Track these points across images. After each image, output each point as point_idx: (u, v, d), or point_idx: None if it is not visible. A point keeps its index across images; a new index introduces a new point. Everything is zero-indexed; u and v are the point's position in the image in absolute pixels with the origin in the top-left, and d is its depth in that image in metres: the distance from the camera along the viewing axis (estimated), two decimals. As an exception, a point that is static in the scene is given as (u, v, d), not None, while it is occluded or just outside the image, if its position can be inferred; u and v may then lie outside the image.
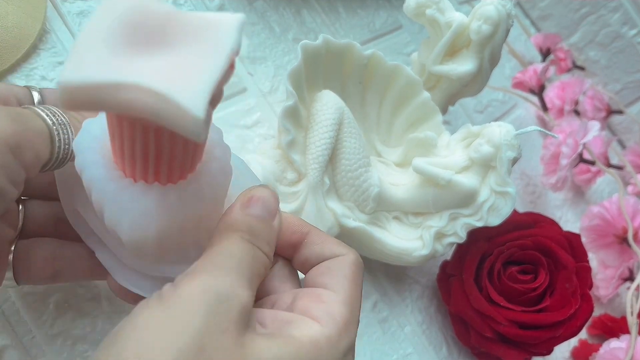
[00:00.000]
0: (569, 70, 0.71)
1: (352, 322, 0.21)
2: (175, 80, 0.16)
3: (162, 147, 0.19)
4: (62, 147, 0.23)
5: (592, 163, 0.56)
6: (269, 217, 0.22)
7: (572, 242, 0.43)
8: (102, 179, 0.21)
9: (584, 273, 0.42)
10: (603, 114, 0.68)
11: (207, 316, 0.18)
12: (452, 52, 0.41)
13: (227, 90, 0.39)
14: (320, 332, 0.20)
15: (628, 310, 0.47)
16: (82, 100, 0.16)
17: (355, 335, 0.22)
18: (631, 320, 0.46)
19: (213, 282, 0.19)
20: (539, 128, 0.37)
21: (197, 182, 0.22)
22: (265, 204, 0.22)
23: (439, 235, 0.38)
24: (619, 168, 0.61)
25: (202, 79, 0.16)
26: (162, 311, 0.18)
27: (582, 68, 0.73)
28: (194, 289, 0.19)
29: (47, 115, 0.22)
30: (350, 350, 0.21)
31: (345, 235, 0.35)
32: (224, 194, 0.24)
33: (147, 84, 0.16)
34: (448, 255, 0.44)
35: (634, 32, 0.71)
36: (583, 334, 0.54)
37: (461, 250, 0.42)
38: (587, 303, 0.42)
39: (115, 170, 0.21)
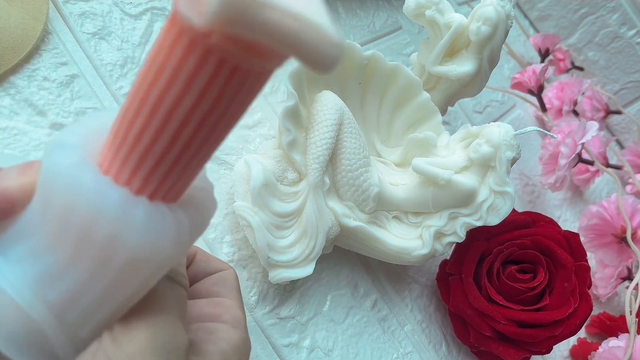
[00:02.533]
0: (567, 70, 0.71)
1: (245, 321, 0.26)
2: (307, 12, 0.14)
3: (210, 119, 0.16)
4: None
5: (591, 163, 0.57)
6: None
7: (571, 241, 0.43)
8: (93, 187, 0.16)
9: (583, 272, 0.42)
10: (602, 114, 0.68)
11: None
12: (451, 52, 0.41)
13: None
14: (237, 337, 0.24)
15: (627, 309, 0.47)
16: (235, 14, 0.13)
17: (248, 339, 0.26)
18: (630, 319, 0.46)
19: (157, 332, 0.19)
20: (538, 128, 0.37)
21: (187, 209, 0.18)
22: None
23: (439, 235, 0.38)
24: (618, 168, 0.62)
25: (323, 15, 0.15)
26: None
27: (580, 68, 0.73)
28: (142, 343, 0.18)
29: None
30: (249, 342, 0.26)
31: (345, 235, 0.36)
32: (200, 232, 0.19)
33: (291, 7, 0.14)
34: (447, 255, 0.44)
35: (632, 32, 0.71)
36: (582, 333, 0.54)
37: (460, 249, 0.42)
38: (586, 302, 0.42)
39: (108, 176, 0.17)
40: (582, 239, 0.47)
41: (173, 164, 0.17)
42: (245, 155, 0.36)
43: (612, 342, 0.46)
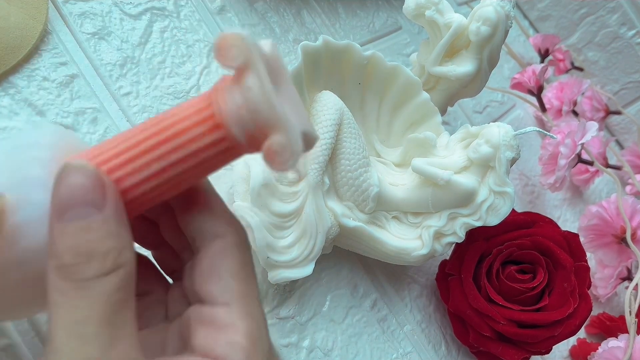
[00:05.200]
0: (567, 71, 0.71)
1: (258, 332, 0.19)
2: (291, 119, 0.18)
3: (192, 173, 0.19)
4: None
5: (591, 163, 0.57)
6: (94, 212, 0.17)
7: (571, 241, 0.43)
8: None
9: (583, 272, 0.42)
10: (601, 114, 0.68)
11: None
12: (451, 53, 0.41)
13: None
14: None
15: (626, 309, 0.47)
16: (256, 113, 0.17)
17: (268, 333, 0.20)
18: (629, 320, 0.46)
19: None
20: (538, 128, 0.37)
21: None
22: (78, 195, 0.17)
23: (438, 235, 0.38)
24: (617, 168, 0.62)
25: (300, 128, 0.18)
26: None
27: (580, 69, 0.73)
28: None
29: None
30: (271, 357, 0.19)
31: (344, 235, 0.36)
32: None
33: (291, 123, 0.18)
34: (447, 255, 0.44)
35: (632, 32, 0.71)
36: (582, 333, 0.54)
37: (460, 249, 0.42)
38: (586, 302, 0.42)
39: None
40: (581, 239, 0.47)
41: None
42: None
43: (611, 342, 0.46)
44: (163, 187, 0.18)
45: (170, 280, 0.23)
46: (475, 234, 0.41)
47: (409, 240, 0.37)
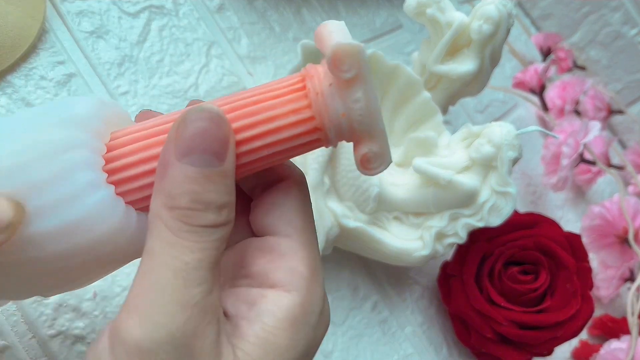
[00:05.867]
0: (569, 70, 0.71)
1: (316, 263, 0.19)
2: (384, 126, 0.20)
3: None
4: None
5: (593, 163, 0.56)
6: (216, 163, 0.17)
7: (573, 242, 0.43)
8: (91, 179, 0.18)
9: (585, 273, 0.42)
10: (604, 113, 0.68)
11: None
12: (452, 51, 0.41)
13: (227, 90, 0.39)
14: (291, 305, 0.18)
15: (629, 310, 0.47)
16: (358, 125, 0.19)
17: (323, 270, 0.20)
18: (632, 321, 0.46)
19: (156, 333, 0.16)
20: (540, 128, 0.37)
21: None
22: (205, 140, 0.17)
23: (440, 236, 0.37)
24: (620, 168, 0.61)
25: None
26: None
27: (582, 68, 0.73)
28: (139, 344, 0.16)
29: None
30: (324, 296, 0.20)
31: (345, 236, 0.35)
32: None
33: (385, 134, 0.19)
34: (448, 256, 0.44)
35: (634, 31, 0.71)
36: (584, 335, 0.54)
37: (462, 250, 0.42)
38: (588, 303, 0.42)
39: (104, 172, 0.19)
40: (584, 239, 0.47)
41: None
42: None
43: (613, 343, 0.46)
44: (255, 164, 0.19)
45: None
46: (477, 235, 0.41)
47: (410, 241, 0.37)
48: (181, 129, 0.17)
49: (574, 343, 0.52)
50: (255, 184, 0.21)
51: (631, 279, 0.53)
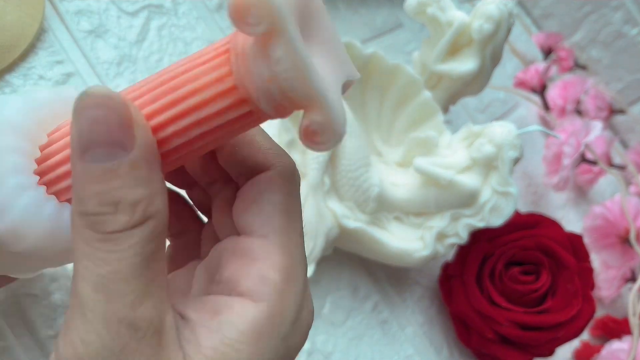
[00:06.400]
0: (570, 69, 0.70)
1: (293, 268, 0.17)
2: (330, 89, 0.15)
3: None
4: None
5: (594, 163, 0.56)
6: (121, 153, 0.15)
7: (574, 242, 0.43)
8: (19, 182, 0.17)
9: (586, 274, 0.42)
10: (605, 113, 0.68)
11: None
12: (453, 51, 0.41)
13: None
14: (257, 317, 0.16)
15: (630, 311, 0.47)
16: (288, 91, 0.15)
17: (306, 273, 0.18)
18: (633, 322, 0.46)
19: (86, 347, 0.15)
20: (541, 128, 0.37)
21: None
22: (102, 130, 0.15)
23: (440, 236, 0.37)
24: (622, 168, 0.61)
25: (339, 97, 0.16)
26: None
27: (584, 67, 0.73)
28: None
29: None
30: (304, 301, 0.17)
31: (345, 237, 0.35)
32: None
33: (331, 97, 0.15)
34: (449, 256, 0.43)
35: (636, 31, 0.71)
36: (585, 335, 0.53)
37: (463, 251, 0.42)
38: (589, 304, 0.41)
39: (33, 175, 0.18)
40: (585, 240, 0.46)
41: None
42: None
43: (615, 344, 0.46)
44: (190, 147, 0.17)
45: (205, 219, 0.22)
46: (477, 235, 0.41)
47: (411, 241, 0.37)
48: (74, 122, 0.15)
49: (575, 344, 0.52)
50: (239, 171, 0.19)
51: (633, 279, 0.53)
